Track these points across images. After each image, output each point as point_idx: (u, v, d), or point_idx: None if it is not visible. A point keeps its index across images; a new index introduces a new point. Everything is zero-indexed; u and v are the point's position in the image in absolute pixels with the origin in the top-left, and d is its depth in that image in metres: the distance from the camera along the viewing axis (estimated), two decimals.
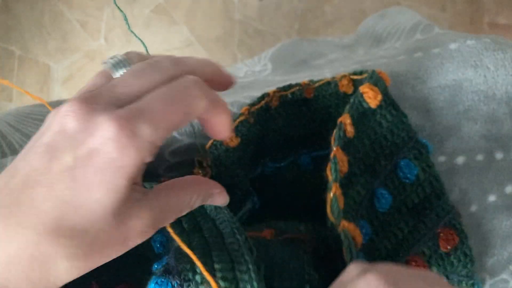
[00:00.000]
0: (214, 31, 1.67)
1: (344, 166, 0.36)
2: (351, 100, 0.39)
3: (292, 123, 0.44)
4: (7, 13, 1.71)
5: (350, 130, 0.37)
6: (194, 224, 0.34)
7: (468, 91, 0.45)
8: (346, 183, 0.36)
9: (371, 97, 0.39)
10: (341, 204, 0.33)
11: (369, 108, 0.39)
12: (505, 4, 1.60)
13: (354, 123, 0.38)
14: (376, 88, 0.39)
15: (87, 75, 1.67)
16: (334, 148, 0.36)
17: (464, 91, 0.45)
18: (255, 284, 0.29)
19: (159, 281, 0.31)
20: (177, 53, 1.68)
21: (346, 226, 0.32)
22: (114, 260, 0.33)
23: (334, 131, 0.37)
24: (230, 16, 1.67)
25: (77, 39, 1.66)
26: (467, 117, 0.45)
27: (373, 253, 0.37)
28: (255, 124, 0.41)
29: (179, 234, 0.32)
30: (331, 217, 0.33)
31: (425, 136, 0.45)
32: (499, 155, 0.45)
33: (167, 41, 1.67)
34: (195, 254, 0.30)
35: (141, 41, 0.38)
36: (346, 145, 0.37)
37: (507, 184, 0.45)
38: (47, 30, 1.69)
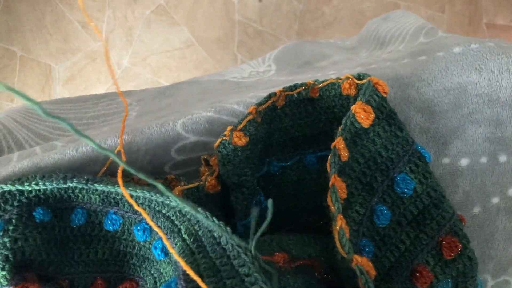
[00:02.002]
0: (214, 32, 1.68)
1: (343, 193, 0.36)
2: (343, 121, 0.38)
3: (298, 123, 0.44)
4: (8, 14, 1.70)
5: (344, 154, 0.37)
6: (198, 243, 0.34)
7: (472, 94, 0.46)
8: (345, 205, 0.36)
9: (363, 117, 0.38)
10: (347, 233, 0.33)
11: (362, 128, 0.39)
12: (503, 5, 1.61)
13: (348, 145, 0.38)
14: (368, 107, 0.39)
15: (88, 76, 1.67)
16: (332, 176, 0.35)
17: (468, 94, 0.46)
18: None
19: None
20: (178, 54, 1.69)
21: (359, 262, 0.32)
22: (119, 257, 0.33)
23: (329, 157, 0.36)
24: (230, 17, 1.68)
25: (78, 40, 1.66)
26: (471, 120, 0.45)
27: (377, 268, 0.37)
28: (262, 123, 0.41)
29: (184, 254, 0.31)
30: (342, 252, 0.32)
31: (429, 138, 0.45)
32: (502, 158, 0.45)
33: (168, 42, 1.67)
34: (205, 282, 0.30)
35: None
36: (342, 168, 0.37)
37: (510, 186, 0.45)
38: (49, 31, 1.69)
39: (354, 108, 0.39)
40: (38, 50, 1.69)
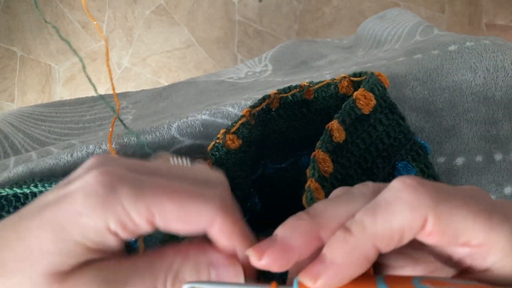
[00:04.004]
0: (214, 32, 1.68)
1: (328, 167, 0.36)
2: (343, 106, 0.39)
3: (292, 125, 0.44)
4: (9, 14, 1.71)
5: (338, 135, 0.37)
6: None
7: (467, 92, 0.46)
8: (342, 185, 0.36)
9: (364, 104, 0.39)
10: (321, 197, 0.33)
11: (362, 114, 0.39)
12: (503, 5, 1.60)
13: (346, 129, 0.38)
14: (370, 94, 0.40)
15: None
16: (315, 151, 0.36)
17: (463, 93, 0.46)
18: None
19: None
20: (178, 54, 1.69)
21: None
22: None
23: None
24: (230, 17, 1.68)
25: (79, 40, 1.66)
26: (467, 119, 0.45)
27: None
28: (256, 126, 0.41)
29: None
30: (305, 204, 0.33)
31: (425, 138, 0.45)
32: (498, 156, 0.45)
33: (168, 42, 1.67)
34: None
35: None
36: (335, 149, 0.37)
37: (506, 185, 0.45)
38: (49, 31, 1.70)
39: (355, 94, 0.39)
40: (38, 50, 1.70)
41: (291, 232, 0.23)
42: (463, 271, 0.24)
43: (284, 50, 0.69)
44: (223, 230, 0.25)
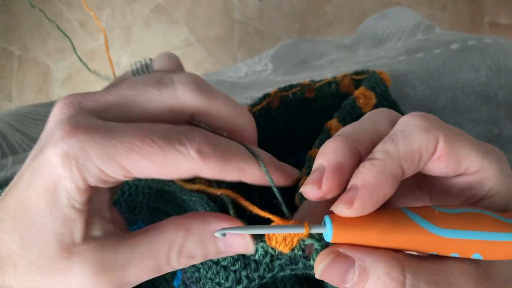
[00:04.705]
0: (214, 31, 1.67)
1: None
2: (343, 104, 0.39)
3: (293, 124, 0.43)
4: (6, 13, 1.71)
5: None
6: None
7: (469, 91, 0.45)
8: None
9: (364, 103, 0.39)
10: None
11: (362, 113, 0.39)
12: (505, 4, 1.60)
13: None
14: (370, 93, 0.39)
15: (86, 75, 1.67)
16: (312, 149, 0.36)
17: (465, 92, 0.45)
18: None
19: None
20: (177, 53, 1.68)
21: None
22: None
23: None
24: (230, 16, 1.67)
25: (77, 39, 1.66)
26: (469, 118, 0.45)
27: None
28: (256, 125, 0.41)
29: None
30: (297, 202, 0.32)
31: None
32: None
33: (167, 40, 1.67)
34: None
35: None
36: None
37: None
38: (47, 30, 1.69)
39: (356, 93, 0.39)
40: (36, 49, 1.69)
41: (335, 152, 0.25)
42: (463, 203, 0.27)
43: (284, 49, 0.69)
44: (210, 174, 0.25)
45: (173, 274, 0.36)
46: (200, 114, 0.27)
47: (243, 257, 0.28)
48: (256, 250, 0.27)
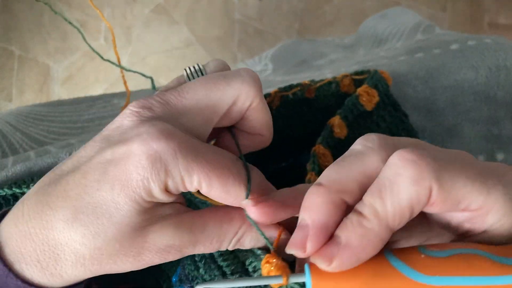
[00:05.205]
0: (214, 31, 1.67)
1: (328, 162, 0.36)
2: (345, 102, 0.39)
3: (293, 123, 0.44)
4: (6, 13, 1.71)
5: (339, 131, 0.38)
6: None
7: (469, 91, 0.45)
8: None
9: (366, 100, 0.39)
10: None
11: (365, 110, 0.39)
12: (505, 4, 1.60)
13: (348, 125, 0.38)
14: (373, 91, 0.40)
15: (86, 75, 1.67)
16: (316, 146, 0.37)
17: (465, 92, 0.45)
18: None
19: None
20: (178, 53, 1.68)
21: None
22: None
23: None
24: (230, 16, 1.67)
25: (77, 39, 1.66)
26: (469, 118, 0.45)
27: None
28: None
29: None
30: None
31: (426, 137, 0.45)
32: (500, 156, 0.45)
33: (167, 41, 1.67)
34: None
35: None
36: (336, 145, 0.37)
37: None
38: (47, 30, 1.69)
39: (358, 90, 0.39)
40: (37, 49, 1.69)
41: (318, 209, 0.23)
42: (461, 235, 0.25)
43: (284, 49, 0.69)
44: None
45: (175, 270, 0.36)
46: (251, 109, 0.29)
47: (242, 269, 0.29)
48: None
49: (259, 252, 0.29)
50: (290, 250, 0.24)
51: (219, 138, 0.32)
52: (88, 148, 0.27)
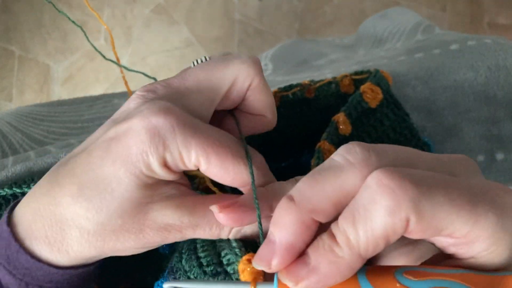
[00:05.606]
0: (214, 31, 1.67)
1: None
2: (350, 99, 0.39)
3: (293, 123, 0.44)
4: (7, 13, 1.71)
5: (343, 127, 0.38)
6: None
7: (469, 91, 0.45)
8: None
9: (370, 97, 0.39)
10: None
11: (369, 107, 0.39)
12: (505, 5, 1.60)
13: (352, 122, 0.38)
14: (377, 88, 0.40)
15: (87, 75, 1.67)
16: (321, 141, 0.37)
17: (465, 92, 0.45)
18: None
19: (159, 282, 0.32)
20: (177, 53, 1.68)
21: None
22: (114, 261, 0.33)
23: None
24: (230, 16, 1.67)
25: (77, 39, 1.66)
26: (468, 118, 0.45)
27: None
28: None
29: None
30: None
31: (426, 137, 0.45)
32: (500, 156, 0.45)
33: (167, 41, 1.67)
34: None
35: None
36: (341, 142, 0.37)
37: (508, 184, 0.45)
38: (47, 30, 1.69)
39: (362, 88, 0.40)
40: (37, 49, 1.69)
41: (287, 229, 0.22)
42: (448, 256, 0.23)
43: (284, 49, 0.69)
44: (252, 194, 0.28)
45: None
46: (252, 89, 0.30)
47: (217, 260, 0.29)
48: None
49: (235, 244, 0.28)
50: (255, 264, 0.23)
51: (222, 123, 0.32)
52: (97, 131, 0.28)
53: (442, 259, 0.24)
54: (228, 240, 0.29)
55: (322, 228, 0.23)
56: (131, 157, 0.25)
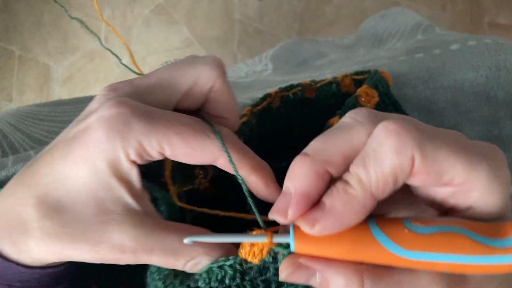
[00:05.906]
0: (214, 31, 1.67)
1: None
2: (345, 103, 0.39)
3: (293, 123, 0.44)
4: (7, 13, 1.70)
5: None
6: None
7: (469, 92, 0.45)
8: None
9: (365, 101, 0.39)
10: None
11: None
12: (505, 4, 1.60)
13: None
14: (372, 91, 0.40)
15: (87, 75, 1.67)
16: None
17: (465, 92, 0.45)
18: None
19: None
20: (177, 53, 1.68)
21: None
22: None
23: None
24: (230, 16, 1.67)
25: (77, 39, 1.66)
26: (469, 118, 0.45)
27: None
28: (257, 125, 0.41)
29: None
30: None
31: None
32: None
33: (167, 41, 1.67)
34: None
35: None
36: None
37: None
38: (47, 30, 1.69)
39: (358, 91, 0.39)
40: (37, 49, 1.69)
41: (301, 179, 0.24)
42: (447, 211, 0.25)
43: (284, 49, 0.69)
44: (227, 165, 0.28)
45: None
46: (214, 91, 0.30)
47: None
48: (222, 267, 0.28)
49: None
50: (272, 215, 0.25)
51: None
52: (63, 132, 0.29)
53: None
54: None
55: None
56: (91, 156, 0.25)
